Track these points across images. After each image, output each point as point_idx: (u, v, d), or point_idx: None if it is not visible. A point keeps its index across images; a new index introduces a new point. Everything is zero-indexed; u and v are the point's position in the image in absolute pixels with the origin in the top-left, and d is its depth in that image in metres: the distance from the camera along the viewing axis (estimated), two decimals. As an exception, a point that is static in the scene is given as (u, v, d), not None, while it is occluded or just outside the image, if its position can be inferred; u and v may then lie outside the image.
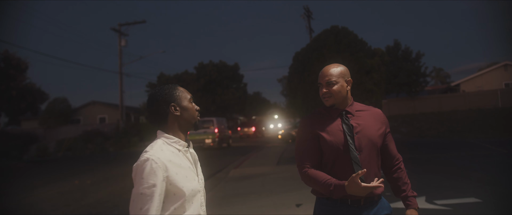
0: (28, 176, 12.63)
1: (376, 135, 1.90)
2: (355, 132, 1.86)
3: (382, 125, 1.96)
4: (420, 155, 11.56)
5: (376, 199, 1.89)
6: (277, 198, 6.33)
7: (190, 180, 1.49)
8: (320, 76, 1.94)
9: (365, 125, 1.90)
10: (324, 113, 1.96)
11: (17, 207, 7.24)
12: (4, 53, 21.30)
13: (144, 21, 26.46)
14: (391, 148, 2.01)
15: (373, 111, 2.00)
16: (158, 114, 1.53)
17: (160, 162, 1.39)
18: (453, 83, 37.84)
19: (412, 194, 1.99)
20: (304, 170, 1.88)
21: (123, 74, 25.07)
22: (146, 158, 1.39)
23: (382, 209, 1.90)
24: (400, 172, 2.02)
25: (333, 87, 1.88)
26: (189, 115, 1.55)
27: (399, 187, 2.00)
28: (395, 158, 2.03)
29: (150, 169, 1.36)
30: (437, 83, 52.05)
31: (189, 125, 1.57)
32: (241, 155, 15.30)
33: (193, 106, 1.58)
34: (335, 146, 1.84)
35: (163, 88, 1.56)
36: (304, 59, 12.12)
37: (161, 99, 1.53)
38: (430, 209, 5.08)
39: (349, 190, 1.69)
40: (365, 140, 1.86)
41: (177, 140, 1.52)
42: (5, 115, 26.30)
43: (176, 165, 1.45)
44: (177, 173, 1.44)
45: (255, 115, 50.39)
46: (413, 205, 1.96)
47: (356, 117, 1.92)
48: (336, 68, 1.92)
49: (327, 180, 1.79)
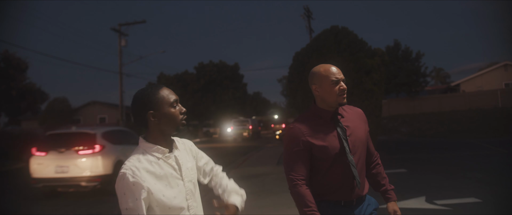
0: (28, 176, 12.62)
1: (364, 135, 1.94)
2: (348, 135, 1.86)
3: (365, 124, 2.00)
4: (420, 155, 11.56)
5: (364, 198, 1.94)
6: (277, 198, 6.33)
7: (172, 188, 1.45)
8: (332, 73, 1.85)
9: (354, 127, 1.91)
10: (314, 116, 1.92)
11: (17, 207, 7.24)
12: (4, 53, 21.33)
13: (144, 21, 26.44)
14: (370, 145, 2.05)
15: (355, 110, 2.02)
16: (138, 119, 1.48)
17: (138, 173, 1.37)
18: (453, 83, 37.86)
19: (390, 187, 2.04)
20: (296, 185, 1.81)
21: (123, 74, 25.06)
22: (123, 172, 1.37)
23: (370, 205, 1.95)
24: (378, 167, 2.06)
25: (345, 85, 1.89)
26: (169, 121, 1.46)
27: (379, 181, 2.05)
28: (373, 155, 2.07)
29: (128, 182, 1.35)
30: (437, 83, 52.07)
31: (170, 130, 1.49)
32: (241, 155, 15.30)
33: (176, 111, 1.48)
34: (331, 151, 1.82)
35: (144, 92, 1.47)
36: (304, 59, 12.12)
37: (140, 105, 1.45)
38: (430, 209, 5.08)
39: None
40: (357, 141, 1.88)
41: (157, 147, 1.46)
42: (5, 115, 26.33)
43: (154, 175, 1.42)
44: (156, 183, 1.41)
45: (255, 115, 50.39)
46: (393, 198, 2.01)
47: (345, 118, 1.91)
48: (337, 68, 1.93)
49: (309, 207, 1.76)
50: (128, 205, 1.34)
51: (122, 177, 1.36)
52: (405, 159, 10.27)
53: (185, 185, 1.51)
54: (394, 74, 27.54)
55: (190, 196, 1.52)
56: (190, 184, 1.54)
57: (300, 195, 1.79)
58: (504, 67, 29.12)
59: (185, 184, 1.51)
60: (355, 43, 12.08)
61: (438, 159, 10.52)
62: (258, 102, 51.52)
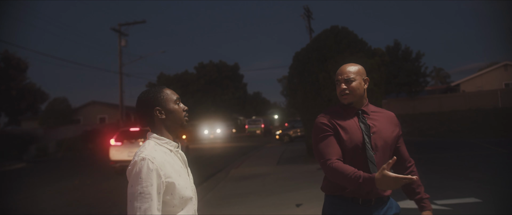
0: (28, 176, 12.63)
1: (391, 137, 1.91)
2: (371, 132, 1.86)
3: (396, 128, 1.97)
4: (420, 155, 11.55)
5: (385, 199, 1.90)
6: (277, 198, 6.33)
7: (183, 179, 1.51)
8: (339, 73, 1.92)
9: (380, 126, 1.90)
10: (340, 111, 1.94)
11: (17, 207, 7.25)
12: (4, 53, 21.31)
13: (144, 21, 26.43)
14: (403, 151, 2.02)
15: (386, 113, 2.01)
16: (145, 117, 1.55)
17: (157, 161, 1.40)
18: (453, 83, 37.86)
19: (426, 196, 2.00)
20: (330, 162, 1.77)
21: (123, 74, 25.05)
22: (142, 157, 1.39)
23: (391, 209, 1.91)
24: (413, 175, 2.00)
25: (351, 84, 1.87)
26: (174, 117, 1.55)
27: (414, 189, 2.00)
28: (408, 161, 2.04)
29: (147, 168, 1.37)
30: (437, 83, 52.06)
31: (176, 126, 1.57)
32: (241, 155, 15.30)
33: (179, 108, 1.57)
34: (353, 144, 1.82)
35: (149, 91, 1.57)
36: (304, 59, 12.11)
37: (146, 103, 1.54)
38: (430, 209, 5.08)
39: (379, 183, 1.58)
40: (381, 140, 1.86)
41: (168, 140, 1.54)
42: (5, 115, 26.30)
43: (170, 164, 1.47)
44: (173, 172, 1.46)
45: (255, 115, 50.39)
46: (428, 206, 1.98)
47: (371, 117, 1.92)
48: (354, 67, 1.92)
49: (355, 172, 1.68)
50: (142, 189, 1.35)
51: (141, 163, 1.38)
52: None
53: (190, 179, 1.60)
54: (394, 74, 27.54)
55: (194, 188, 1.61)
56: (192, 178, 1.64)
57: (338, 168, 1.73)
58: (504, 67, 29.12)
59: (190, 179, 1.60)
60: (355, 43, 12.06)
61: (438, 159, 10.52)
62: (258, 102, 51.51)
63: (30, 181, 11.17)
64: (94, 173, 12.09)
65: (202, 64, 37.75)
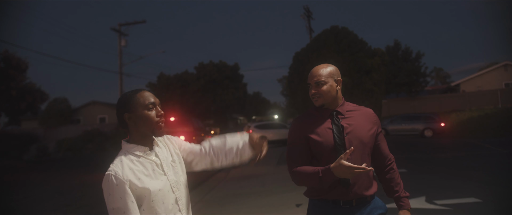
0: (28, 176, 12.63)
1: (367, 135, 1.90)
2: (346, 132, 1.85)
3: (374, 125, 1.95)
4: (420, 155, 11.55)
5: (369, 199, 1.88)
6: (277, 198, 6.32)
7: (155, 179, 1.52)
8: (309, 77, 1.93)
9: (356, 125, 1.89)
10: (315, 113, 1.96)
11: (17, 206, 7.24)
12: (4, 53, 21.30)
13: (144, 21, 26.42)
14: (383, 148, 2.00)
15: (364, 110, 1.99)
16: (120, 122, 1.57)
17: (120, 173, 1.44)
18: (453, 83, 37.85)
19: (404, 194, 1.98)
20: (292, 169, 1.89)
21: (123, 74, 25.06)
22: (107, 174, 1.45)
23: (376, 209, 1.89)
24: (392, 173, 2.00)
25: (322, 88, 1.87)
26: (144, 123, 1.52)
27: (392, 187, 1.99)
28: (387, 158, 2.02)
29: (112, 184, 1.42)
30: (437, 83, 52.06)
31: (147, 132, 1.55)
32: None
33: (151, 114, 1.53)
34: (325, 146, 1.84)
35: (123, 96, 1.57)
36: (304, 59, 12.12)
37: (119, 108, 1.55)
38: (430, 209, 5.08)
39: (336, 172, 1.67)
40: (356, 140, 1.85)
41: (136, 146, 1.54)
42: (5, 115, 26.32)
43: (137, 171, 1.49)
44: (139, 177, 1.48)
45: (255, 115, 50.38)
46: (406, 205, 1.96)
47: (347, 117, 1.91)
48: (325, 69, 1.91)
49: (314, 169, 1.79)
50: (114, 204, 1.42)
51: (107, 179, 1.44)
52: (405, 159, 10.26)
53: (169, 178, 1.57)
54: (394, 74, 27.54)
55: (176, 188, 1.58)
56: (175, 178, 1.60)
57: (300, 170, 1.85)
58: (504, 67, 29.11)
59: (169, 178, 1.57)
60: (355, 43, 12.08)
61: (438, 159, 10.52)
62: (258, 102, 51.50)
63: (30, 181, 11.16)
64: (94, 173, 12.09)
65: (202, 64, 37.72)
